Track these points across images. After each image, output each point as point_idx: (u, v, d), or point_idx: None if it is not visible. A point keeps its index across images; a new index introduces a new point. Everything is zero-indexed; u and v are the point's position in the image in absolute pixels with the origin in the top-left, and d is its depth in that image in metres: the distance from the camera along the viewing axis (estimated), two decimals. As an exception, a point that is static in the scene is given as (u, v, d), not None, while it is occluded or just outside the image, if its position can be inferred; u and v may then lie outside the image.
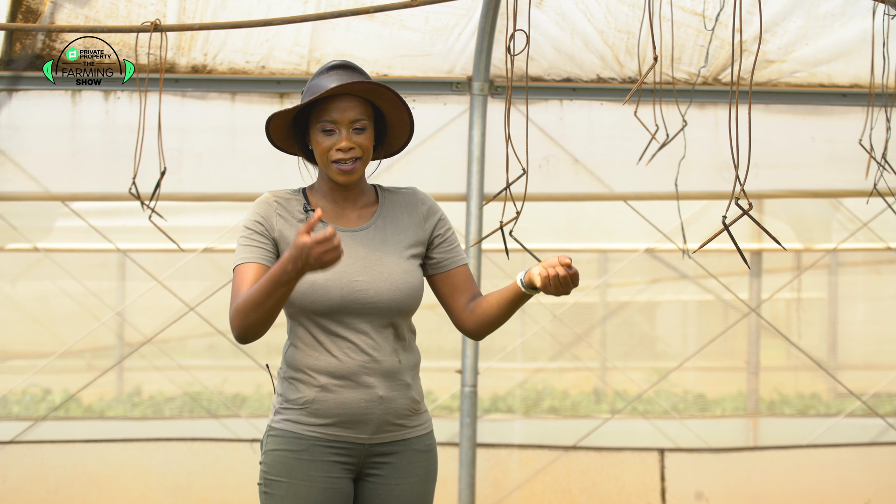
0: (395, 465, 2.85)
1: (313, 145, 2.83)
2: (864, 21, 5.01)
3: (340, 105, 2.78)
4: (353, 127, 2.79)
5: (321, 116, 2.79)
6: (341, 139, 2.78)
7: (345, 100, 2.79)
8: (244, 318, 2.67)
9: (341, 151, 2.79)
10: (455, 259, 2.92)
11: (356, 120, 2.79)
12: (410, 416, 2.87)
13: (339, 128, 2.79)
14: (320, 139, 2.80)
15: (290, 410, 2.82)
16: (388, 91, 2.81)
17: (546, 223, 6.95)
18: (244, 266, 2.78)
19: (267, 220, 2.82)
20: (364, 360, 2.79)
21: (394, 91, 2.82)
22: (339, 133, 2.79)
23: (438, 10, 5.13)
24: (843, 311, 8.50)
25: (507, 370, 8.44)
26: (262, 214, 2.82)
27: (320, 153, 2.81)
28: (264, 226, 2.81)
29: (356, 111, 2.79)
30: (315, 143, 2.81)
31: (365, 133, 2.81)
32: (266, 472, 2.82)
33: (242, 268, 2.78)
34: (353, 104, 2.79)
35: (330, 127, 2.78)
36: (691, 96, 5.24)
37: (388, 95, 2.82)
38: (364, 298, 2.78)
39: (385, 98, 2.84)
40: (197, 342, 8.47)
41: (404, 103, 2.84)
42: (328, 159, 2.80)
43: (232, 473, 5.89)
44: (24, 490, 5.81)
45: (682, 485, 6.03)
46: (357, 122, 2.79)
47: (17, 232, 6.52)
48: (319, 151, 2.81)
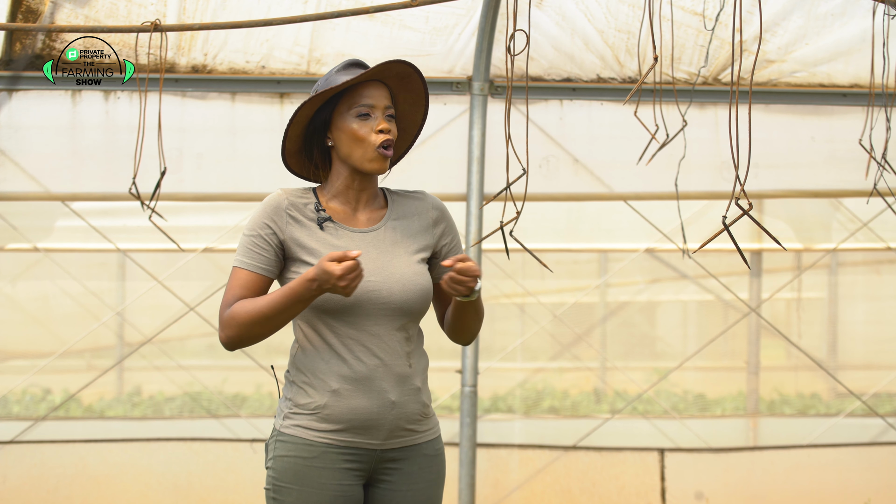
0: (405, 471, 2.81)
1: (344, 136, 2.76)
2: (864, 21, 5.01)
3: (375, 91, 2.76)
4: (387, 114, 2.77)
5: (356, 102, 2.75)
6: (380, 122, 2.75)
7: (377, 86, 2.77)
8: (247, 329, 2.68)
9: (383, 133, 2.75)
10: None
11: (388, 107, 2.78)
12: (421, 421, 2.83)
13: (375, 112, 2.76)
14: (356, 126, 2.75)
15: (300, 416, 2.76)
16: (416, 79, 2.80)
17: (546, 223, 6.96)
18: (240, 271, 2.76)
19: (276, 223, 2.77)
20: (376, 364, 2.75)
21: (422, 78, 2.81)
22: (376, 116, 2.76)
23: (438, 10, 5.13)
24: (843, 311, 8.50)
25: (507, 370, 8.44)
26: (273, 216, 2.77)
27: (358, 139, 2.75)
28: (272, 228, 2.77)
29: (388, 98, 2.78)
30: (347, 132, 2.76)
31: (394, 122, 2.79)
32: (275, 479, 2.76)
33: (239, 272, 2.77)
34: (385, 92, 2.78)
35: (366, 111, 2.75)
36: (691, 96, 5.24)
37: (414, 86, 2.81)
38: (377, 299, 2.75)
39: (409, 90, 2.82)
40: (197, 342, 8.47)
41: (426, 97, 2.83)
42: (369, 143, 2.75)
43: (232, 473, 5.89)
44: (24, 490, 5.81)
45: (682, 485, 6.03)
46: (389, 108, 2.78)
47: (17, 232, 6.53)
48: (356, 137, 2.75)
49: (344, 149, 2.78)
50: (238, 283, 2.75)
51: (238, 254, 2.79)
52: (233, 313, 2.69)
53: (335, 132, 2.79)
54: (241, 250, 2.79)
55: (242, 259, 2.77)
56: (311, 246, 2.77)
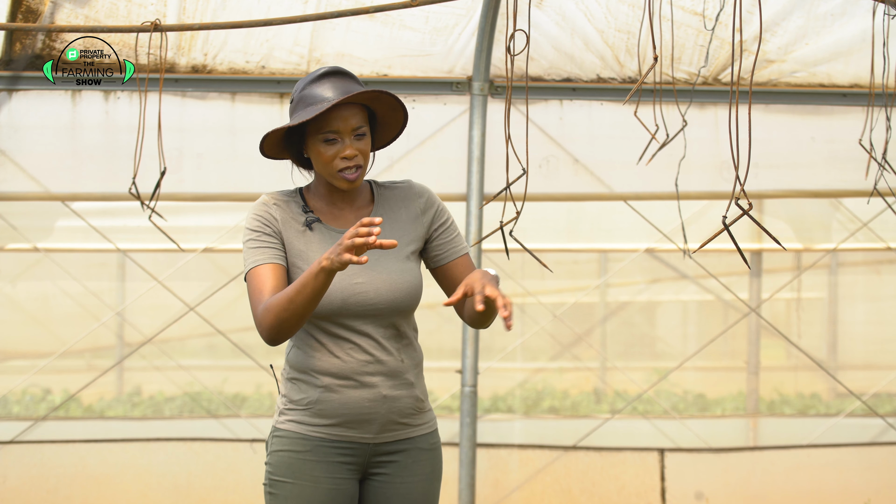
0: (400, 464, 2.85)
1: (313, 155, 2.80)
2: (864, 21, 5.01)
3: (342, 114, 2.77)
4: (355, 134, 2.78)
5: (323, 127, 2.76)
6: (345, 147, 2.76)
7: (345, 108, 2.77)
8: (278, 313, 2.66)
9: (346, 160, 2.77)
10: (454, 250, 2.90)
11: (357, 127, 2.78)
12: (415, 415, 2.86)
13: (341, 137, 2.77)
14: (322, 149, 2.77)
15: (295, 411, 2.82)
16: (389, 97, 2.81)
17: (546, 223, 6.96)
18: (260, 269, 2.76)
19: (272, 222, 2.80)
20: (366, 360, 2.79)
21: (395, 97, 2.81)
22: (343, 142, 2.77)
23: (438, 10, 5.13)
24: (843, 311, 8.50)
25: (507, 370, 8.44)
26: (266, 214, 2.81)
27: (324, 163, 2.78)
28: (270, 225, 2.80)
29: (357, 119, 2.78)
30: (316, 153, 2.79)
31: (365, 138, 2.80)
32: (271, 473, 2.82)
33: (258, 271, 2.76)
34: (353, 112, 2.78)
35: (332, 137, 2.76)
36: (691, 96, 5.24)
37: (387, 100, 2.82)
38: (364, 300, 2.77)
39: (382, 101, 2.83)
40: (197, 342, 8.47)
41: (403, 106, 2.84)
42: (333, 169, 2.78)
43: (232, 473, 5.89)
44: (24, 490, 5.81)
45: (682, 485, 6.03)
46: (358, 129, 2.78)
47: (17, 232, 6.52)
48: (322, 161, 2.78)
49: (315, 165, 2.83)
50: (260, 280, 2.74)
51: (248, 259, 2.78)
52: (267, 305, 2.69)
53: (307, 149, 2.82)
54: (249, 254, 2.78)
55: (256, 258, 2.77)
56: (299, 248, 2.80)
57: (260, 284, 2.74)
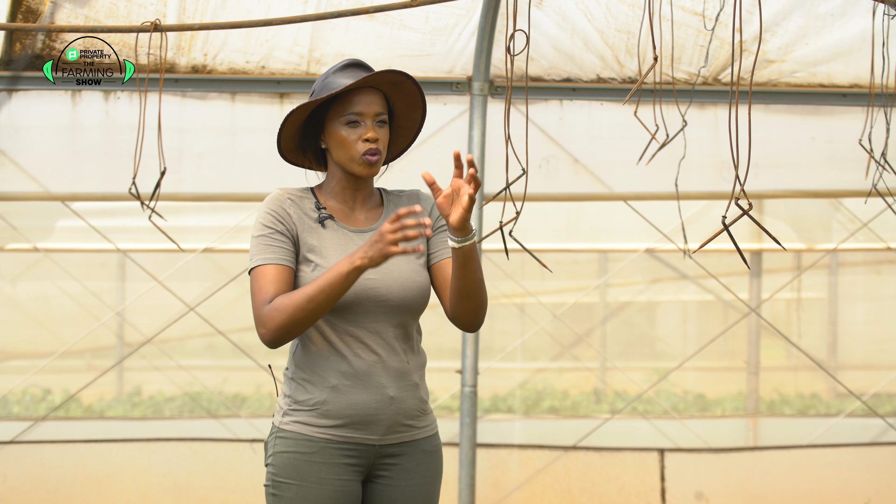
0: (403, 466, 2.85)
1: (333, 140, 2.80)
2: (864, 21, 5.01)
3: (365, 98, 2.79)
4: (377, 120, 2.80)
5: (346, 109, 2.78)
6: (368, 129, 2.78)
7: (368, 93, 2.79)
8: (291, 315, 2.65)
9: (369, 142, 2.78)
10: (446, 250, 2.89)
11: (379, 113, 2.80)
12: (419, 417, 2.86)
13: (364, 119, 2.78)
14: (345, 133, 2.78)
15: (300, 412, 2.79)
16: (410, 84, 2.82)
17: (546, 223, 6.96)
18: (265, 268, 2.74)
19: (285, 217, 2.79)
20: (374, 360, 2.78)
21: (416, 83, 2.83)
22: (365, 124, 2.78)
23: (438, 10, 5.13)
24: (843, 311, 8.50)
25: (507, 370, 8.44)
26: (280, 210, 2.79)
27: (346, 146, 2.78)
28: (284, 223, 2.78)
29: (379, 105, 2.80)
30: (336, 137, 2.79)
31: (385, 127, 2.82)
32: (274, 475, 2.79)
33: (264, 270, 2.74)
34: (376, 98, 2.80)
35: (355, 118, 2.78)
36: (691, 96, 5.24)
37: (409, 90, 2.83)
38: (376, 296, 2.77)
39: (404, 93, 2.85)
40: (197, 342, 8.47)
41: (422, 99, 2.86)
42: (356, 152, 2.78)
43: (232, 473, 5.89)
44: (24, 490, 5.81)
45: (682, 485, 6.03)
46: (380, 115, 2.80)
47: (17, 232, 6.53)
48: (344, 144, 2.78)
49: (334, 152, 2.82)
50: (267, 279, 2.73)
51: (255, 255, 2.76)
52: (276, 304, 2.68)
53: (327, 136, 2.83)
54: (257, 250, 2.76)
55: (264, 256, 2.75)
56: (312, 243, 2.79)
57: (265, 284, 2.72)
